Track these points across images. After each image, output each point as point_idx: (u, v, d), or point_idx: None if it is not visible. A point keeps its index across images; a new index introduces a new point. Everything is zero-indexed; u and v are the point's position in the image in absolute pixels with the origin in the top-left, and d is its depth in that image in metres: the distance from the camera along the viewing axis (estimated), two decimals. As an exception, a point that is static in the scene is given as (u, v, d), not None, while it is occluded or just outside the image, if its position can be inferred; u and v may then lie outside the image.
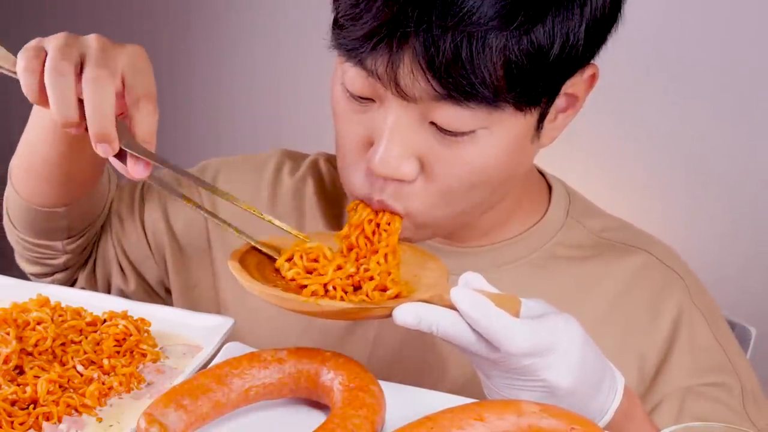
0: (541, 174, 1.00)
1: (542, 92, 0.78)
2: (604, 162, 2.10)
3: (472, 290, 0.70)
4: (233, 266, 0.75)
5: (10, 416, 0.70)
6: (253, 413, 0.73)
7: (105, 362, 0.76)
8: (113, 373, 0.76)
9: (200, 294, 1.04)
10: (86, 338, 0.79)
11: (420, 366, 0.95)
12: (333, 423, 0.66)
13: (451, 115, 0.76)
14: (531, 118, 0.80)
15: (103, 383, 0.74)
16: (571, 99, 0.84)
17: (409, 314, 0.69)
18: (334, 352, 0.74)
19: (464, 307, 0.68)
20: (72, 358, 0.76)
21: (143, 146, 0.75)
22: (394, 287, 0.75)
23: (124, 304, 0.85)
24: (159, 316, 0.84)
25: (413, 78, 0.74)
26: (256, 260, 0.79)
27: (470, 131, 0.77)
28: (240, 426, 0.72)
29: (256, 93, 2.40)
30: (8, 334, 0.76)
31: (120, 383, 0.75)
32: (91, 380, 0.74)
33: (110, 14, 2.45)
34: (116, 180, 1.04)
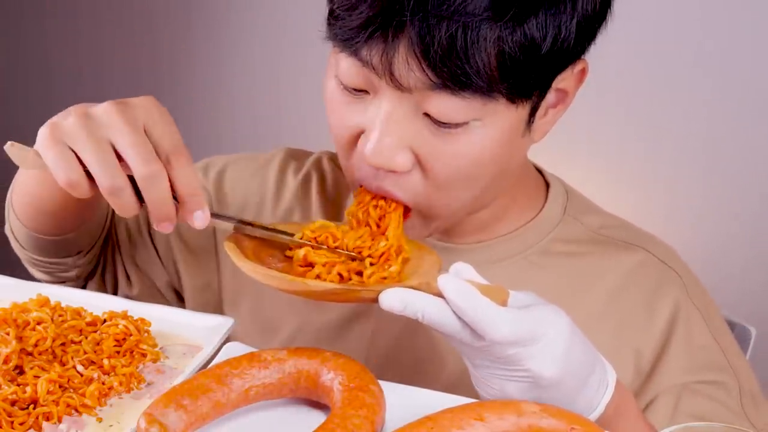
0: (540, 172, 1.01)
1: (534, 85, 0.79)
2: (606, 161, 2.10)
3: (460, 279, 0.70)
4: (228, 246, 0.76)
5: (10, 416, 0.70)
6: (253, 413, 0.73)
7: (105, 362, 0.76)
8: (113, 373, 0.76)
9: (211, 294, 1.04)
10: (86, 338, 0.79)
11: (418, 361, 0.95)
12: (333, 423, 0.66)
13: (445, 105, 0.76)
14: (522, 111, 0.80)
15: (103, 383, 0.74)
16: (561, 94, 0.85)
17: (395, 299, 0.70)
18: (334, 352, 0.74)
19: (450, 295, 0.69)
20: (72, 358, 0.76)
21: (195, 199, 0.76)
22: (395, 264, 0.77)
23: (124, 304, 0.85)
24: (159, 316, 0.84)
25: (408, 67, 0.75)
26: (253, 245, 0.80)
27: (463, 123, 0.78)
28: (240, 426, 0.72)
29: (256, 93, 2.40)
30: (8, 334, 0.76)
31: (120, 383, 0.75)
32: (91, 380, 0.74)
33: (110, 14, 2.45)
34: None
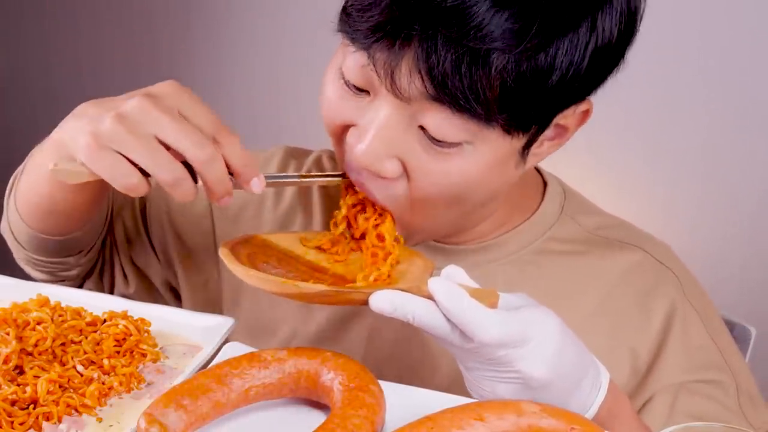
0: (538, 171, 1.00)
1: (533, 119, 0.79)
2: (605, 161, 2.10)
3: (449, 281, 0.70)
4: (222, 252, 0.77)
5: (10, 416, 0.70)
6: (253, 413, 0.73)
7: (105, 362, 0.76)
8: (113, 373, 0.76)
9: (209, 292, 1.04)
10: (86, 338, 0.79)
11: (415, 361, 0.95)
12: (333, 423, 0.66)
13: (442, 121, 0.76)
14: (517, 143, 0.80)
15: (103, 383, 0.74)
16: (560, 129, 0.84)
17: (385, 301, 0.70)
18: (334, 352, 0.74)
19: (439, 297, 0.69)
20: (72, 358, 0.76)
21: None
22: (384, 266, 0.80)
23: (124, 304, 0.85)
24: (159, 316, 0.84)
25: (410, 79, 0.74)
26: (248, 251, 0.80)
27: (456, 143, 0.77)
28: (240, 426, 0.72)
29: (256, 93, 2.40)
30: (8, 334, 0.75)
31: (120, 383, 0.75)
32: (91, 380, 0.74)
33: (110, 14, 2.44)
34: None
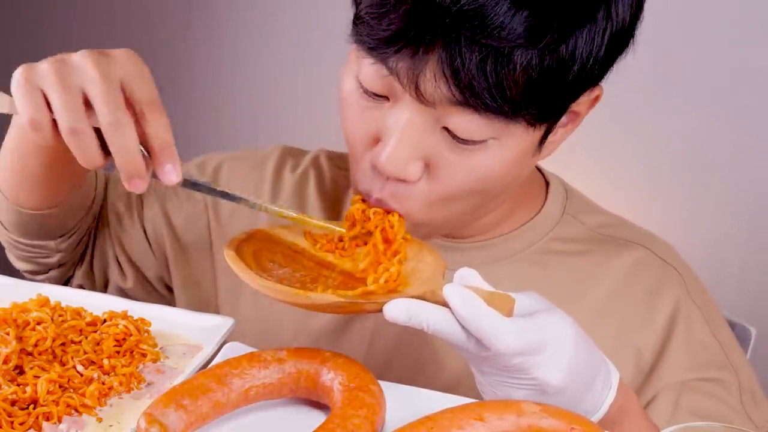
0: (540, 171, 1.01)
1: (555, 110, 0.79)
2: (605, 160, 2.10)
3: (465, 288, 0.69)
4: (228, 255, 0.75)
5: (10, 416, 0.70)
6: (253, 413, 0.73)
7: (105, 362, 0.76)
8: (113, 373, 0.76)
9: (202, 291, 1.04)
10: (86, 338, 0.79)
11: (417, 361, 0.95)
12: (333, 423, 0.66)
13: (467, 122, 0.76)
14: (538, 133, 0.81)
15: (103, 383, 0.74)
16: (573, 115, 0.85)
17: (400, 311, 0.69)
18: (334, 352, 0.74)
19: (455, 305, 0.68)
20: (72, 358, 0.76)
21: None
22: (393, 266, 0.76)
23: (124, 304, 0.85)
24: (159, 316, 0.84)
25: (435, 84, 0.74)
26: (253, 249, 0.79)
27: (481, 140, 0.77)
28: (240, 426, 0.72)
29: (256, 93, 2.40)
30: (8, 334, 0.75)
31: (120, 383, 0.75)
32: (91, 380, 0.74)
33: (109, 14, 2.45)
34: (103, 173, 1.03)
